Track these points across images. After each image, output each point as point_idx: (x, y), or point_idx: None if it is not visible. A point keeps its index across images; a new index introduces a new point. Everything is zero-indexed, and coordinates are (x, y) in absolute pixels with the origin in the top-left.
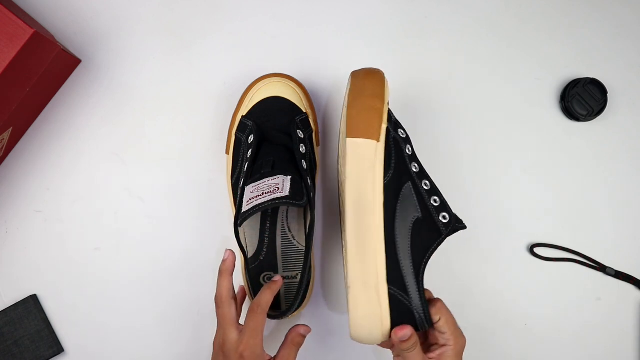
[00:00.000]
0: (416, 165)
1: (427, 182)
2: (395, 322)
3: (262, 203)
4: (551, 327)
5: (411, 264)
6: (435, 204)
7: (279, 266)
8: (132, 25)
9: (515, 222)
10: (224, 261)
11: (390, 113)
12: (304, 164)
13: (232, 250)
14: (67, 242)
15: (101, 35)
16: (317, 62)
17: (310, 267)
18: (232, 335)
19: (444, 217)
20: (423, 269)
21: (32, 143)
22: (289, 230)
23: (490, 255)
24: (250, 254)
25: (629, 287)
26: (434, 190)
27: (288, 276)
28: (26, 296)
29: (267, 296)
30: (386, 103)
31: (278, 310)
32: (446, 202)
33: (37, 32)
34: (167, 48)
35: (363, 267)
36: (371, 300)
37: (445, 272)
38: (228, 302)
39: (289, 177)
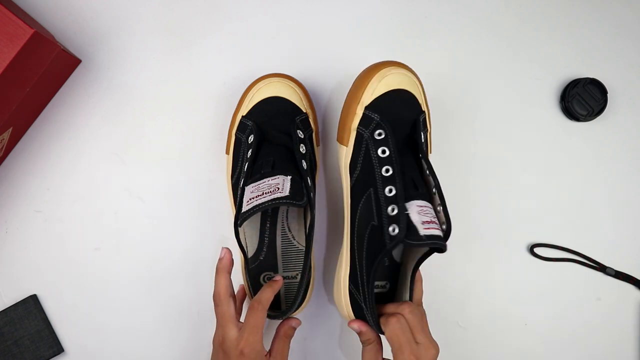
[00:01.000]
0: (389, 168)
1: (392, 188)
2: (357, 316)
3: (262, 203)
4: (551, 327)
5: (365, 269)
6: (391, 214)
7: (279, 266)
8: (132, 25)
9: (515, 222)
10: (220, 259)
11: (369, 113)
12: (304, 164)
13: (228, 248)
14: (67, 242)
15: (101, 35)
16: (317, 62)
17: (310, 267)
18: (232, 332)
19: (393, 230)
20: (372, 277)
21: (32, 143)
22: (289, 230)
23: (490, 255)
24: (250, 254)
25: (629, 287)
26: (395, 199)
27: (288, 276)
28: (26, 296)
29: (267, 294)
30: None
31: (278, 310)
32: (404, 214)
33: (37, 32)
34: (167, 48)
35: (339, 261)
36: (339, 291)
37: (445, 272)
38: (226, 299)
39: (289, 177)
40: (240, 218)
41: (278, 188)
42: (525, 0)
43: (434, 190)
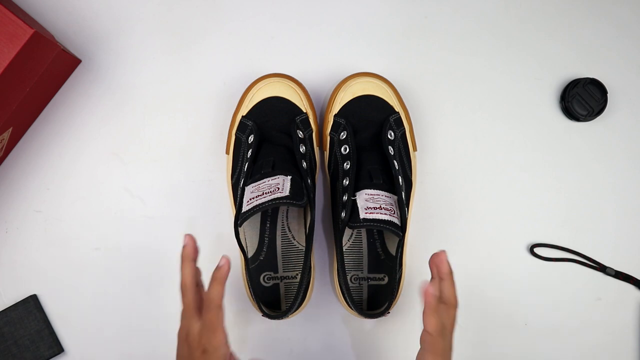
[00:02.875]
0: (348, 162)
1: (348, 178)
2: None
3: (262, 203)
4: (551, 327)
5: (338, 256)
6: (343, 201)
7: (279, 266)
8: (132, 25)
9: (515, 222)
10: (184, 247)
11: (337, 119)
12: (304, 164)
13: (190, 235)
14: (67, 242)
15: (101, 35)
16: (317, 62)
17: (310, 267)
18: (195, 325)
19: (344, 215)
20: (342, 262)
21: (32, 143)
22: (289, 230)
23: (490, 255)
24: (250, 254)
25: (629, 287)
26: (348, 187)
27: (288, 276)
28: (26, 296)
29: (217, 289)
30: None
31: (278, 310)
32: (351, 200)
33: (37, 32)
34: (167, 48)
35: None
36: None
37: None
38: (191, 289)
39: (289, 177)
40: (240, 218)
41: (278, 188)
42: (525, 0)
43: (402, 185)
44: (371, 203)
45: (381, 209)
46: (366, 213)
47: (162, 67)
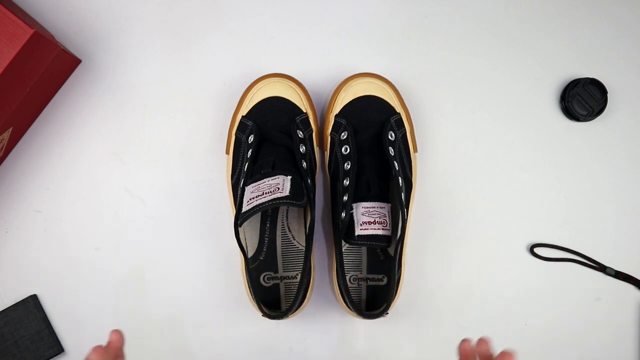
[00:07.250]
0: (349, 163)
1: (348, 179)
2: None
3: (262, 203)
4: (551, 327)
5: (337, 257)
6: (342, 209)
7: (279, 266)
8: (132, 25)
9: (515, 222)
10: (109, 343)
11: (338, 119)
12: (304, 164)
13: (118, 331)
14: (67, 242)
15: (101, 35)
16: (317, 62)
17: (310, 267)
18: None
19: (341, 227)
20: (341, 265)
21: (32, 143)
22: (289, 230)
23: (490, 255)
24: (250, 254)
25: (629, 287)
26: (348, 189)
27: (288, 276)
28: (26, 296)
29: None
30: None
31: (278, 310)
32: (349, 214)
33: (37, 32)
34: (167, 48)
35: None
36: (332, 281)
37: (445, 272)
38: None
39: (289, 177)
40: (240, 218)
41: (278, 188)
42: (525, 0)
43: (402, 187)
44: (366, 217)
45: (375, 223)
46: (361, 229)
47: (162, 67)
